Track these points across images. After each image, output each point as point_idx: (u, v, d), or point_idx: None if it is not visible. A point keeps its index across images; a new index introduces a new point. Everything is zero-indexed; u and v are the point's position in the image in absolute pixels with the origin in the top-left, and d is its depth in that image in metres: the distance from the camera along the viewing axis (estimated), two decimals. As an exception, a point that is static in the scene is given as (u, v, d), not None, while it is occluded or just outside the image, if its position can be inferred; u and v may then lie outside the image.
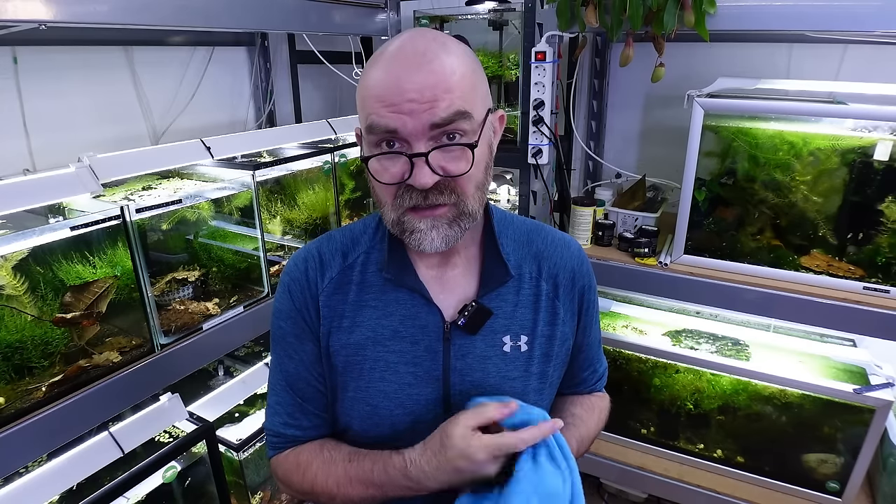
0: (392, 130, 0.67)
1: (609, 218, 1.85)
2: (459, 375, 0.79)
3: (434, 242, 0.71)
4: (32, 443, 1.07)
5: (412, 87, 0.65)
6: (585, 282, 0.87)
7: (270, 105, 2.24)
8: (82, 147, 1.57)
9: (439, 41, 0.69)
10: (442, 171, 0.69)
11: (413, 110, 0.65)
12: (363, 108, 0.70)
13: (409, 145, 0.68)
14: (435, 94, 0.65)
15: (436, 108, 0.66)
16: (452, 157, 0.69)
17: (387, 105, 0.66)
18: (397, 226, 0.73)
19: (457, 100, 0.67)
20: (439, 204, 0.70)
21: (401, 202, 0.71)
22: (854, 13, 1.30)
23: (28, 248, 1.09)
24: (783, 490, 1.69)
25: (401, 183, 0.69)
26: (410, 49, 0.67)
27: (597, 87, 2.15)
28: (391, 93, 0.66)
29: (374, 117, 0.67)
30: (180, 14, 1.32)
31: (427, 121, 0.66)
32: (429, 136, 0.67)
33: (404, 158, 0.68)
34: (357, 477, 0.76)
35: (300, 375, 0.83)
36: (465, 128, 0.69)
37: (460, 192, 0.71)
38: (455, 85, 0.67)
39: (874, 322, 1.41)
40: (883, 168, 1.38)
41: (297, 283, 0.82)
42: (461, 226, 0.73)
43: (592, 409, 0.92)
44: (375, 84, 0.68)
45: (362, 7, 1.86)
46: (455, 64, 0.68)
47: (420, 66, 0.66)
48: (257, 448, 1.50)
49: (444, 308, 0.79)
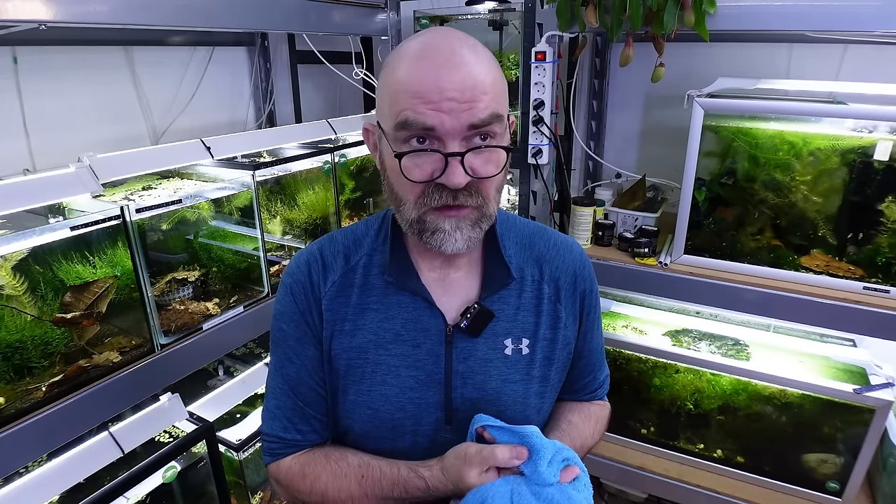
0: (429, 128, 0.66)
1: (609, 218, 1.85)
2: (461, 378, 0.79)
3: (457, 243, 0.71)
4: (32, 443, 1.07)
5: (452, 86, 0.65)
6: (587, 286, 0.87)
7: (270, 105, 2.24)
8: (82, 147, 1.57)
9: (470, 43, 0.69)
10: (472, 173, 0.68)
11: (452, 109, 0.65)
12: (395, 102, 0.68)
13: (442, 144, 0.67)
14: (474, 94, 0.66)
15: (474, 109, 0.66)
16: (484, 159, 0.69)
17: (425, 102, 0.65)
18: (417, 224, 0.72)
19: (492, 102, 0.67)
20: (466, 205, 0.70)
21: (427, 201, 0.70)
22: (854, 13, 1.30)
23: (28, 248, 1.09)
24: (783, 490, 1.68)
25: (429, 181, 0.69)
26: (447, 48, 0.67)
27: (597, 87, 2.15)
28: (430, 90, 0.65)
29: (410, 113, 0.66)
30: (180, 14, 1.32)
31: (466, 121, 0.66)
32: (463, 136, 0.67)
33: (437, 156, 0.67)
34: (373, 493, 0.77)
35: (302, 379, 0.82)
36: (497, 130, 0.69)
37: (484, 194, 0.71)
38: (490, 87, 0.67)
39: (874, 322, 1.41)
40: (883, 168, 1.38)
41: (300, 285, 0.82)
42: (482, 227, 0.73)
43: (589, 418, 0.91)
44: (411, 80, 0.67)
45: (362, 7, 1.87)
46: (489, 66, 0.68)
47: (458, 65, 0.66)
48: (257, 448, 1.50)
49: (447, 311, 0.79)
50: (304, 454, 0.83)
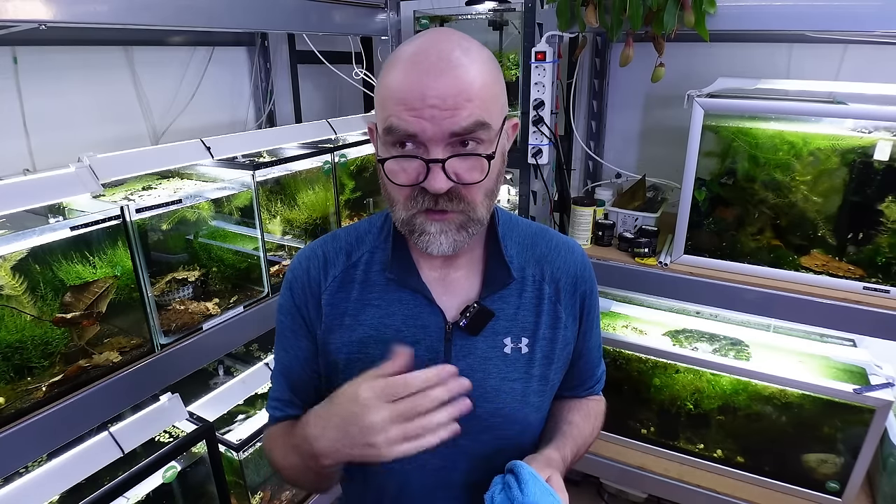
0: (411, 135, 0.67)
1: (609, 218, 1.85)
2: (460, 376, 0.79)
3: (442, 246, 0.72)
4: (32, 443, 1.08)
5: (434, 93, 0.65)
6: (587, 287, 0.88)
7: (270, 105, 2.24)
8: (82, 147, 1.57)
9: (463, 46, 0.68)
10: (456, 178, 0.69)
11: (434, 116, 0.65)
12: (383, 108, 0.70)
13: (426, 150, 0.68)
14: (457, 102, 0.65)
15: (457, 117, 0.66)
16: (469, 165, 0.69)
17: (408, 109, 0.66)
18: (407, 225, 0.73)
19: (477, 109, 0.67)
20: (448, 210, 0.71)
21: (414, 203, 0.71)
22: (854, 13, 1.30)
23: (28, 248, 1.09)
24: (783, 490, 1.69)
25: (415, 185, 0.70)
26: (434, 53, 0.67)
27: (597, 87, 2.15)
28: (413, 97, 0.66)
29: (394, 120, 0.67)
30: (181, 14, 1.32)
31: (447, 129, 0.66)
32: (446, 143, 0.67)
33: (420, 161, 0.68)
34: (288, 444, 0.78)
35: (293, 368, 0.86)
36: (483, 137, 0.69)
37: (469, 199, 0.71)
38: (476, 94, 0.67)
39: (874, 322, 1.41)
40: (883, 168, 1.38)
41: (298, 280, 0.84)
42: (469, 231, 0.73)
43: (588, 416, 0.92)
44: (397, 86, 0.67)
45: (362, 7, 1.87)
46: (478, 72, 0.68)
47: (443, 71, 0.66)
48: (257, 448, 1.50)
49: (447, 309, 0.80)
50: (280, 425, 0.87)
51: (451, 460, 0.80)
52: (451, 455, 0.80)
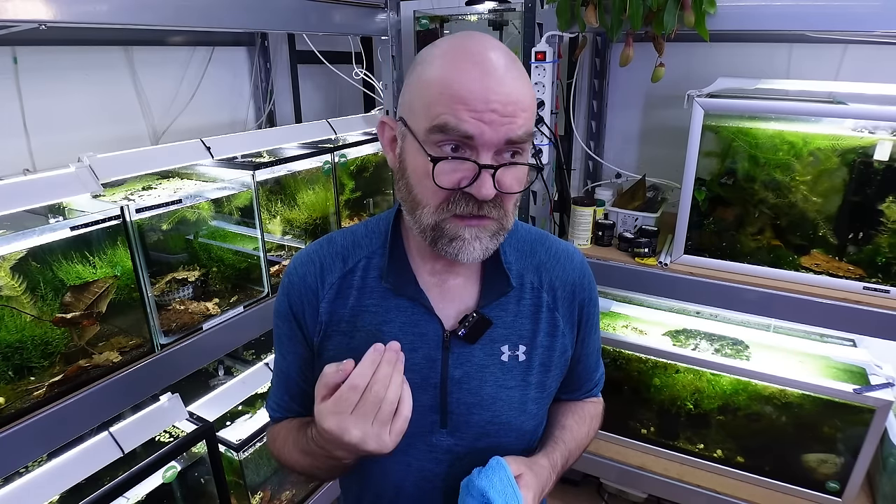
0: (468, 136, 0.65)
1: (609, 218, 1.85)
2: (457, 383, 0.79)
3: (475, 252, 0.71)
4: (32, 443, 1.08)
5: (497, 98, 0.64)
6: (586, 295, 0.87)
7: (270, 105, 2.24)
8: (82, 147, 1.57)
9: (511, 55, 0.68)
10: (499, 187, 0.68)
11: (493, 121, 0.64)
12: (433, 104, 0.66)
13: (476, 154, 0.66)
14: (514, 110, 0.65)
15: (514, 125, 0.65)
16: (512, 174, 0.69)
17: (469, 110, 0.64)
18: (434, 230, 0.71)
19: (529, 120, 0.67)
20: (489, 216, 0.70)
21: (451, 207, 0.69)
22: (854, 13, 1.30)
23: (28, 247, 1.09)
24: (783, 490, 1.68)
25: (455, 189, 0.68)
26: (494, 57, 0.66)
27: (597, 87, 2.15)
28: (475, 98, 0.64)
29: (451, 119, 0.65)
30: (180, 14, 1.32)
31: (504, 135, 0.65)
32: (497, 149, 0.67)
33: (470, 165, 0.66)
34: (297, 445, 0.79)
35: (289, 373, 0.87)
36: (527, 148, 0.70)
37: (506, 208, 0.71)
38: (528, 105, 0.67)
39: (874, 322, 1.41)
40: (883, 168, 1.38)
41: (294, 287, 0.83)
42: (499, 239, 0.73)
43: (584, 419, 0.92)
44: (454, 83, 0.65)
45: (362, 7, 1.86)
46: (527, 83, 0.68)
47: (504, 78, 0.65)
48: (257, 448, 1.51)
49: (444, 317, 0.79)
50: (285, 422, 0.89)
51: (447, 466, 0.80)
52: (447, 461, 0.80)
